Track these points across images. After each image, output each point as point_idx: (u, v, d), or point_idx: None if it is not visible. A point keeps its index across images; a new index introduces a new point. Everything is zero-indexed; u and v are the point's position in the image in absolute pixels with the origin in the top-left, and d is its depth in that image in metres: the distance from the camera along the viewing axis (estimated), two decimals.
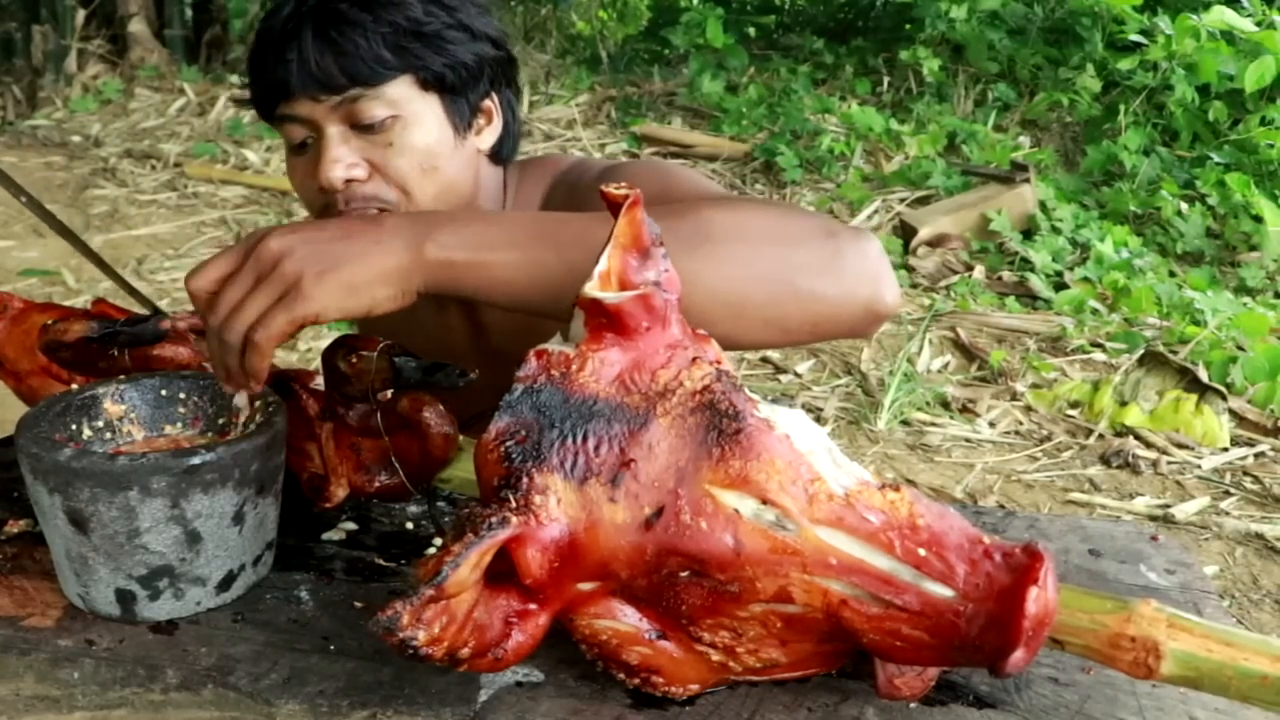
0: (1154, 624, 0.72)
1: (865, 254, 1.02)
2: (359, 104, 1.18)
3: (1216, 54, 5.41)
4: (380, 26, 1.17)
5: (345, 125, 1.19)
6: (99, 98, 6.42)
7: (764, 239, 1.00)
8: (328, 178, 1.18)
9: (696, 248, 0.97)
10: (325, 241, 0.94)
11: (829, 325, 1.03)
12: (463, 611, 0.74)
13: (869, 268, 1.02)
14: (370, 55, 1.17)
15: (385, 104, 1.19)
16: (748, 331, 1.01)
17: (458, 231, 0.95)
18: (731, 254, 0.98)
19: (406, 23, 1.18)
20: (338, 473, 1.06)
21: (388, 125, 1.19)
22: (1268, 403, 3.49)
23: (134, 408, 1.02)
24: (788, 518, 0.74)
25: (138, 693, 0.84)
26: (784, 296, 0.99)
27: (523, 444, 0.76)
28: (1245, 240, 4.93)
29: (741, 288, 0.98)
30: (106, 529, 0.88)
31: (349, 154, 1.19)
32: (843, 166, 5.55)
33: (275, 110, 1.22)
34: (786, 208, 1.07)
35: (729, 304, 0.98)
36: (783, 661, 0.81)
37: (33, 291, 4.07)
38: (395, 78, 1.19)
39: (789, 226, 1.02)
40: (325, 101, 1.18)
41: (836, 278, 1.00)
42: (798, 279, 0.99)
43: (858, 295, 1.01)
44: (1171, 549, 1.11)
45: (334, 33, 1.17)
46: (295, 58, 1.17)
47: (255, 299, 0.93)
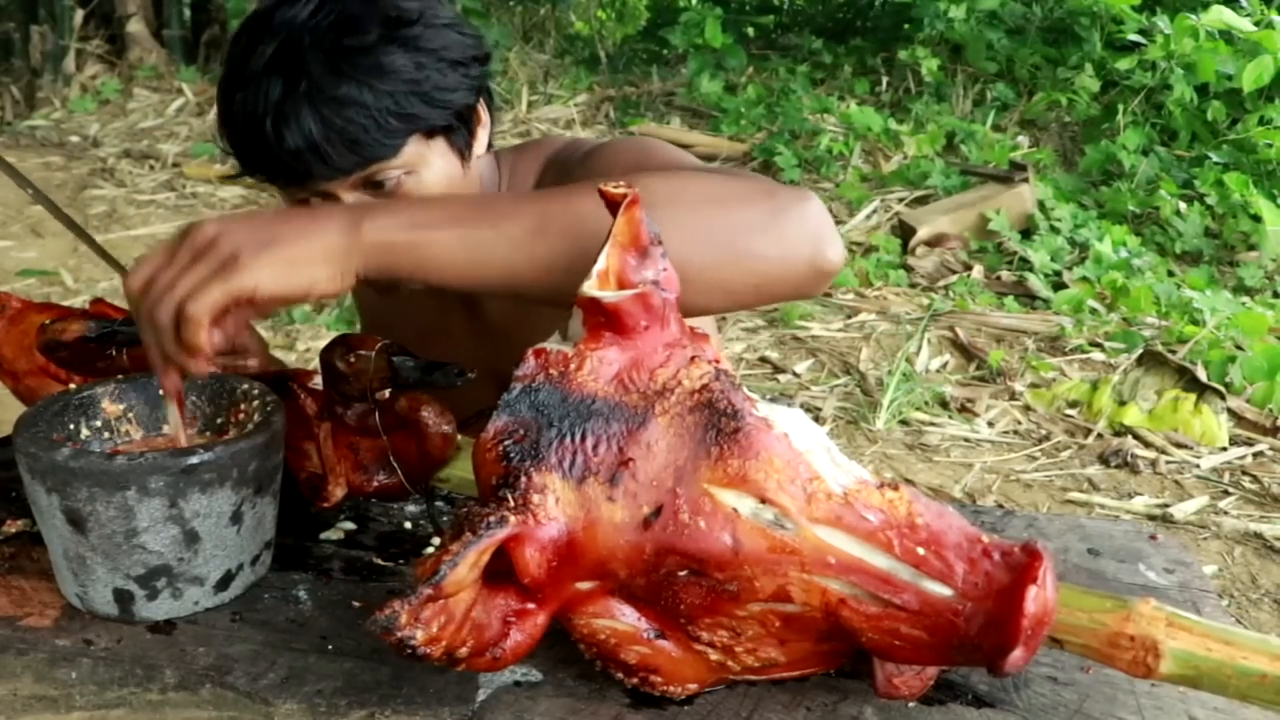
0: (1153, 623, 0.72)
1: (805, 212, 1.01)
2: (371, 170, 1.16)
3: (1215, 53, 5.41)
4: (381, 100, 1.13)
5: (359, 189, 1.17)
6: (97, 98, 6.42)
7: (702, 202, 0.99)
8: None
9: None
10: (263, 222, 0.93)
11: (774, 286, 1.02)
12: (461, 611, 0.74)
13: (810, 226, 1.01)
14: (379, 133, 1.14)
15: (398, 165, 1.17)
16: (695, 298, 0.98)
17: (395, 214, 0.95)
18: (670, 219, 0.94)
19: (403, 85, 1.14)
20: (336, 472, 1.06)
21: (400, 181, 1.17)
22: (1266, 402, 3.49)
23: (132, 407, 1.02)
24: (786, 517, 0.74)
25: (136, 692, 0.84)
26: (725, 259, 0.98)
27: (521, 443, 0.76)
28: (1244, 240, 4.93)
29: (682, 252, 0.94)
30: (104, 528, 0.88)
31: None
32: (841, 166, 5.54)
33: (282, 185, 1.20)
34: (727, 172, 1.06)
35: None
36: (781, 661, 0.81)
37: (31, 292, 4.07)
38: (406, 141, 1.16)
39: (727, 189, 1.01)
40: (342, 180, 1.16)
41: (778, 237, 1.00)
42: (738, 240, 0.99)
43: (800, 254, 1.01)
44: (1170, 548, 1.11)
45: (339, 119, 1.12)
46: (305, 148, 1.13)
47: (187, 276, 0.91)
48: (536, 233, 0.94)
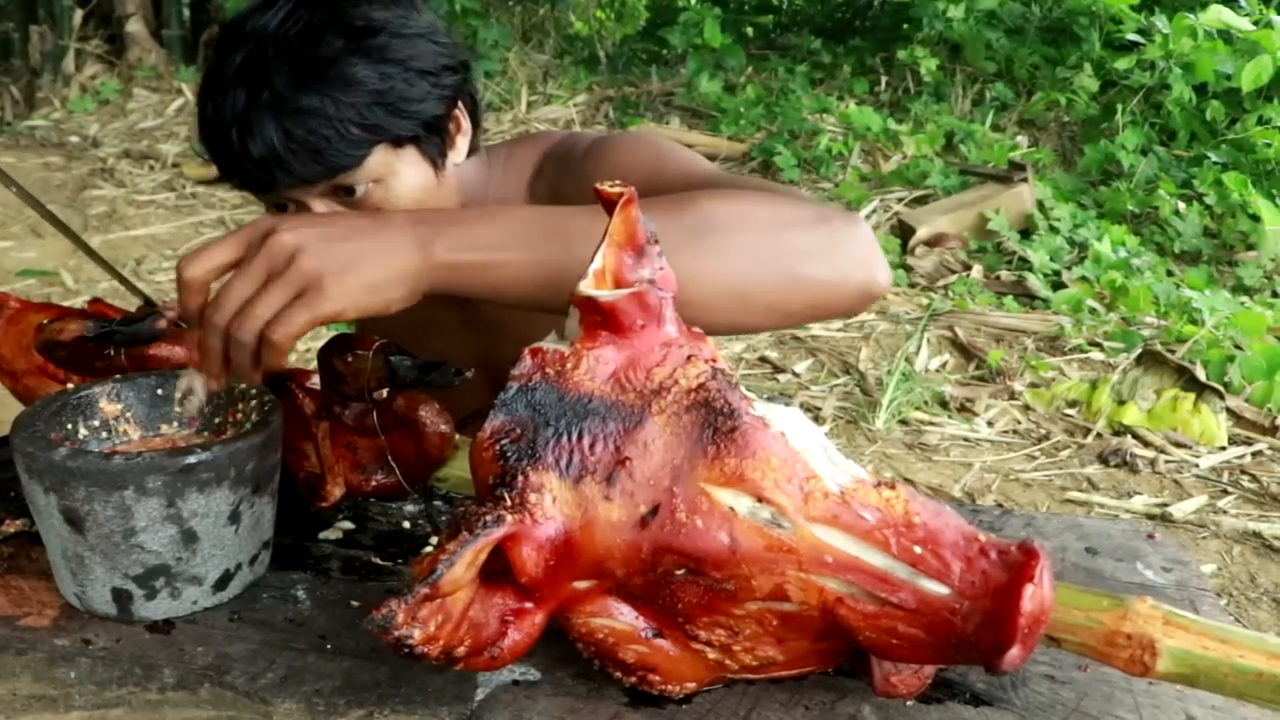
0: (1150, 621, 0.72)
1: (858, 237, 1.06)
2: (339, 179, 1.15)
3: (1214, 53, 5.41)
4: (344, 110, 1.12)
5: (328, 197, 1.17)
6: (97, 98, 6.42)
7: (763, 228, 1.02)
8: None
9: (700, 240, 0.99)
10: (339, 240, 0.93)
11: (827, 307, 1.06)
12: (458, 610, 0.74)
13: (862, 250, 1.05)
14: (342, 144, 1.13)
15: (365, 173, 1.16)
16: (752, 318, 1.04)
17: (465, 233, 0.95)
18: (735, 245, 1.00)
19: (368, 97, 1.13)
20: (334, 472, 1.06)
21: (370, 190, 1.17)
22: (1265, 401, 3.49)
23: (130, 407, 1.02)
24: (783, 515, 0.74)
25: (134, 692, 0.84)
26: (786, 283, 1.02)
27: (518, 442, 0.76)
28: (1243, 239, 4.93)
29: (746, 277, 1.01)
30: (102, 528, 0.88)
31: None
32: (840, 166, 5.54)
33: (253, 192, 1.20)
34: (780, 194, 1.08)
35: (734, 293, 1.01)
36: (779, 660, 0.81)
37: (31, 292, 4.07)
38: (370, 150, 1.15)
39: (785, 214, 1.04)
40: (304, 189, 1.16)
41: (833, 262, 1.04)
42: (797, 265, 1.02)
43: (854, 277, 1.05)
44: (1168, 547, 1.11)
45: (300, 130, 1.12)
46: (268, 158, 1.12)
47: (270, 296, 0.91)
48: None
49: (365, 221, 0.96)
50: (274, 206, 1.22)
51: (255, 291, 0.91)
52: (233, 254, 0.94)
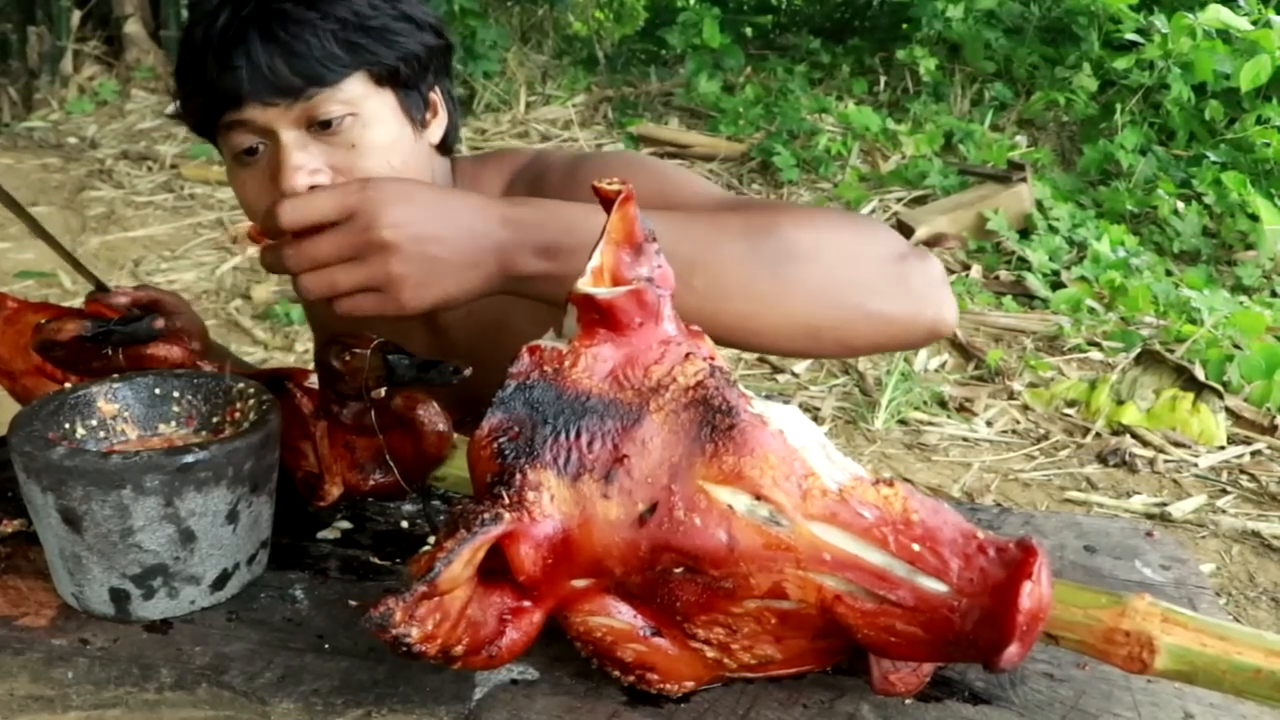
0: (1148, 618, 0.72)
1: (930, 276, 1.06)
2: (315, 103, 1.15)
3: (1213, 53, 5.41)
4: (328, 24, 1.14)
5: (301, 129, 1.16)
6: (95, 99, 6.41)
7: (840, 261, 1.02)
8: (290, 184, 1.14)
9: (780, 269, 1.00)
10: (432, 243, 0.95)
11: (893, 343, 1.07)
12: (456, 608, 0.74)
13: (933, 290, 1.06)
14: (322, 53, 1.14)
15: (341, 102, 1.15)
16: (819, 349, 1.05)
17: (550, 246, 0.96)
18: (810, 278, 1.00)
19: (353, 17, 1.15)
20: (332, 471, 1.06)
21: (346, 125, 1.16)
22: (1264, 401, 3.49)
23: (127, 406, 1.02)
24: (781, 513, 0.74)
25: (132, 692, 0.84)
26: (857, 319, 1.02)
27: (516, 440, 0.76)
28: (1242, 239, 4.93)
29: (818, 311, 1.01)
30: (100, 528, 0.88)
31: (310, 159, 1.16)
32: (840, 166, 5.54)
33: (220, 119, 1.18)
34: (857, 223, 1.08)
35: (806, 327, 1.02)
36: (778, 658, 0.81)
37: (29, 293, 4.07)
38: (349, 75, 1.16)
39: (863, 247, 1.04)
40: (279, 105, 1.14)
41: (905, 300, 1.04)
42: (870, 302, 1.03)
43: (923, 317, 1.05)
44: (1167, 545, 1.11)
45: (282, 34, 1.13)
46: (244, 63, 1.13)
47: (351, 275, 0.95)
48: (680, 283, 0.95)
49: (464, 235, 0.96)
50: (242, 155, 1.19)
51: (335, 260, 0.95)
52: (333, 215, 0.95)
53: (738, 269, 1.00)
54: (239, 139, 1.19)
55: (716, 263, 1.00)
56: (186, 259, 4.61)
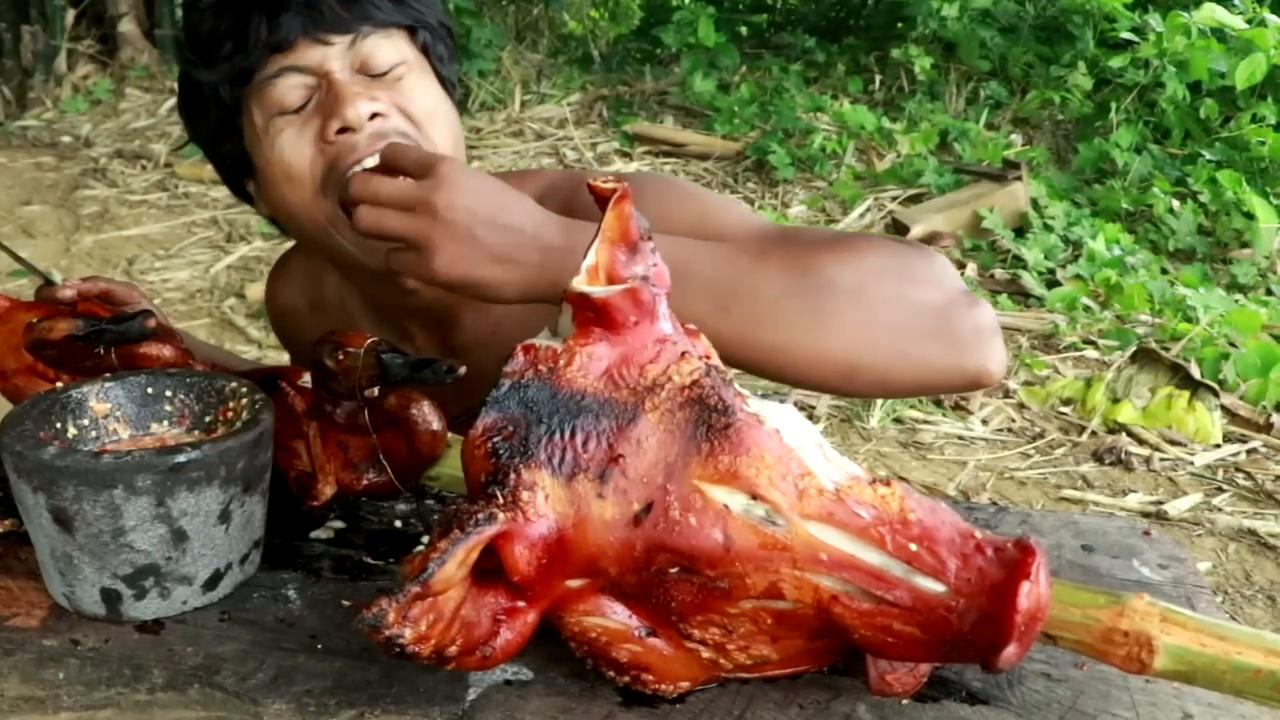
0: (1147, 618, 0.72)
1: (978, 324, 1.04)
2: (369, 44, 1.15)
3: (1207, 51, 5.41)
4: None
5: (354, 71, 1.15)
6: (89, 98, 6.40)
7: (881, 303, 1.01)
8: (354, 113, 1.12)
9: (817, 305, 0.99)
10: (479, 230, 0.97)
11: (933, 389, 1.06)
12: (450, 609, 0.73)
13: (979, 339, 1.04)
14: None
15: (394, 49, 1.16)
16: (855, 389, 1.04)
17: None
18: (848, 316, 0.99)
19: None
20: (325, 470, 1.05)
21: (399, 73, 1.16)
22: (1260, 399, 3.49)
23: (120, 406, 1.01)
24: (778, 513, 0.73)
25: (123, 693, 0.83)
26: (895, 362, 1.01)
27: (510, 440, 0.76)
28: (1237, 237, 4.94)
29: (856, 350, 1.00)
30: (91, 528, 0.87)
31: (366, 90, 1.14)
32: (835, 165, 5.54)
33: (265, 68, 1.15)
34: (906, 262, 1.05)
35: (841, 365, 1.00)
36: (774, 658, 0.81)
37: (23, 293, 4.03)
38: (396, 25, 1.17)
39: (907, 289, 1.02)
40: (337, 43, 1.14)
41: (947, 348, 1.02)
42: (909, 347, 1.01)
43: (966, 365, 1.03)
44: (1164, 544, 1.11)
45: None
46: (296, 2, 1.12)
47: (399, 220, 0.99)
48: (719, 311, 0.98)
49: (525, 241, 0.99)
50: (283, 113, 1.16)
51: (393, 204, 0.99)
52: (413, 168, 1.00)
53: (774, 302, 0.99)
54: (284, 90, 1.15)
55: (752, 292, 0.99)
56: (180, 258, 4.60)
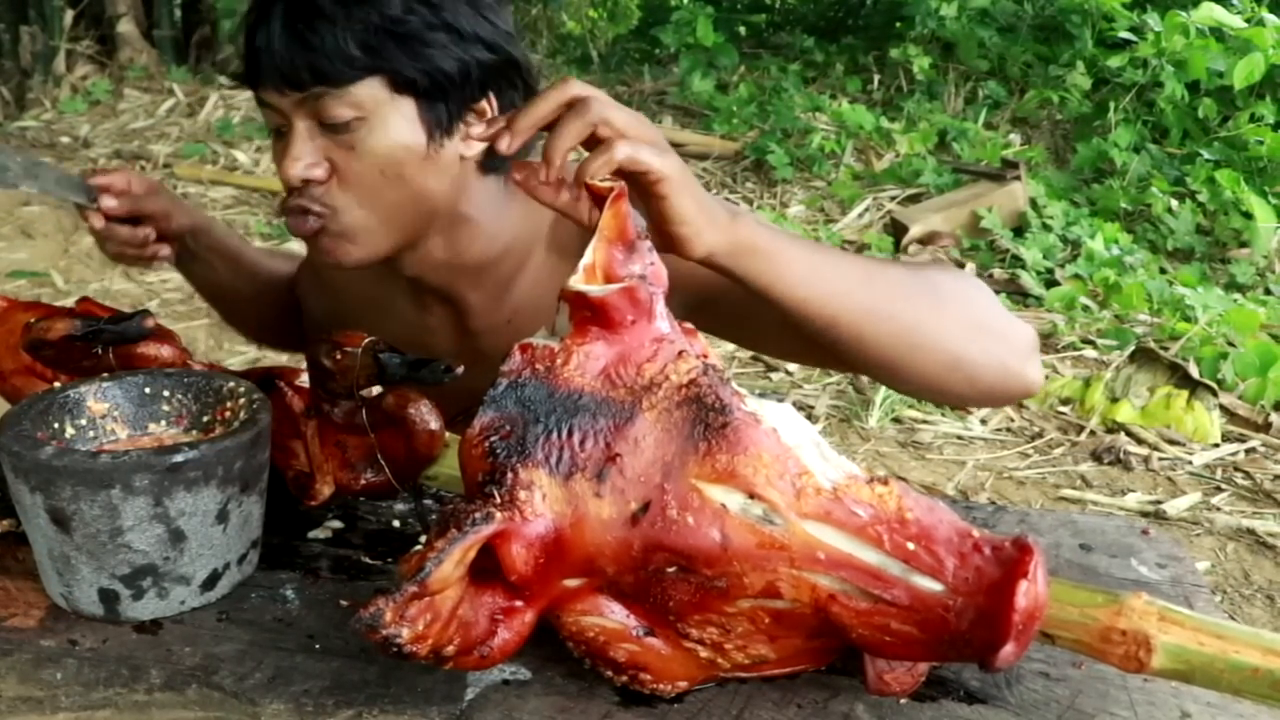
0: (1145, 617, 0.72)
1: (1032, 340, 1.13)
2: (323, 102, 1.13)
3: (1206, 51, 5.41)
4: (352, 23, 1.11)
5: (313, 121, 1.15)
6: (88, 99, 6.39)
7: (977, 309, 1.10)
8: (287, 173, 1.15)
9: (935, 298, 1.07)
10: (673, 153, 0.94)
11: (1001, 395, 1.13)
12: (447, 608, 0.73)
13: (1033, 354, 1.12)
14: (338, 54, 1.11)
15: (350, 105, 1.13)
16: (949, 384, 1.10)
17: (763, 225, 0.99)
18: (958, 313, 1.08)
19: (381, 20, 1.12)
20: (323, 470, 1.05)
21: (353, 127, 1.14)
22: (1258, 398, 3.49)
23: (117, 406, 1.01)
24: (775, 512, 0.73)
25: (121, 693, 0.83)
26: (988, 361, 1.09)
27: (507, 439, 0.76)
28: (1235, 237, 4.94)
29: (963, 344, 1.08)
30: (89, 528, 0.87)
31: (311, 153, 1.15)
32: (833, 165, 5.54)
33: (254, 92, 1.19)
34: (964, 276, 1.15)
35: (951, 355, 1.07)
36: (771, 658, 0.81)
37: (21, 293, 4.05)
38: (363, 78, 1.13)
39: (990, 301, 1.11)
40: (290, 96, 1.14)
41: (1021, 355, 1.10)
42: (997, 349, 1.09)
43: (1026, 375, 1.11)
44: (1163, 543, 1.11)
45: (303, 26, 1.11)
46: (264, 47, 1.13)
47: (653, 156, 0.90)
48: (865, 280, 1.03)
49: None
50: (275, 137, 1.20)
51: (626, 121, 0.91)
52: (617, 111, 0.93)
53: (902, 283, 1.06)
54: (267, 116, 1.20)
55: (884, 274, 1.06)
56: None
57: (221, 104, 6.26)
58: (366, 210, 1.17)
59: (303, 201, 1.17)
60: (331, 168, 1.16)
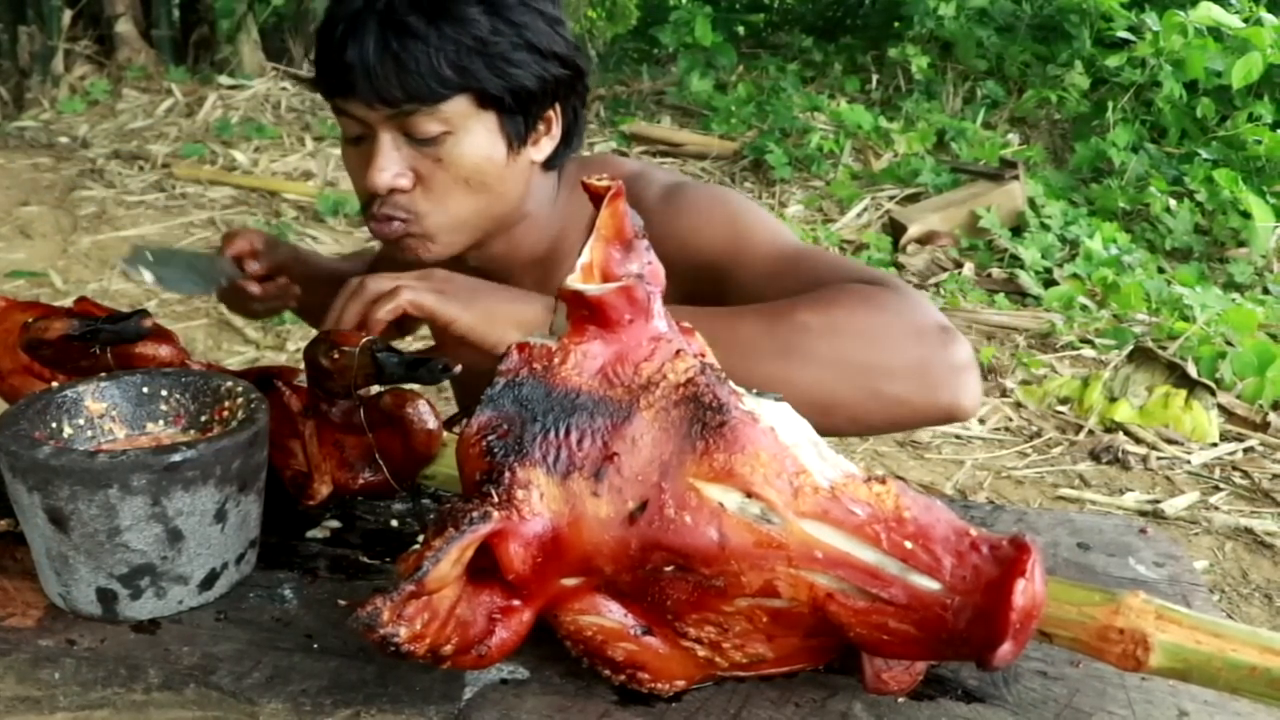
0: (1142, 616, 0.72)
1: (951, 362, 1.08)
2: (413, 118, 1.20)
3: (1204, 50, 5.43)
4: (444, 43, 1.17)
5: (399, 134, 1.22)
6: (86, 98, 6.39)
7: (855, 346, 1.07)
8: (374, 183, 1.22)
9: (789, 347, 1.05)
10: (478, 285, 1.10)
11: (908, 425, 1.11)
12: (445, 608, 0.73)
13: (952, 376, 1.08)
14: (430, 73, 1.17)
15: (439, 120, 1.20)
16: (833, 427, 1.07)
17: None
18: (822, 358, 1.06)
19: (471, 41, 1.18)
20: (321, 470, 1.05)
21: (440, 140, 1.21)
22: (1256, 398, 3.50)
23: (115, 405, 1.01)
24: (773, 511, 0.73)
25: (119, 693, 0.83)
26: (869, 400, 1.05)
27: (505, 438, 0.76)
28: (1233, 236, 4.95)
29: (831, 389, 1.05)
30: (86, 527, 0.87)
31: (397, 163, 1.23)
32: (832, 164, 5.55)
33: (333, 101, 1.24)
34: (884, 303, 1.09)
35: (816, 403, 1.03)
36: (769, 657, 0.81)
37: (20, 293, 4.05)
38: (453, 96, 1.19)
39: (882, 331, 1.07)
40: (380, 110, 1.20)
41: (920, 385, 1.07)
42: (883, 385, 1.06)
43: (939, 403, 1.08)
44: (1160, 542, 1.11)
45: (396, 44, 1.17)
46: (357, 62, 1.18)
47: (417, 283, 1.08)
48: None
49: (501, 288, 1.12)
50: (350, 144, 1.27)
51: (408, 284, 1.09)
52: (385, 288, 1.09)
53: (751, 340, 1.06)
54: (346, 125, 1.25)
55: (732, 332, 1.06)
56: None
57: (220, 104, 6.26)
58: (449, 215, 1.26)
59: (388, 210, 1.25)
60: (415, 177, 1.23)
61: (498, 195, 1.27)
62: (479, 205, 1.27)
